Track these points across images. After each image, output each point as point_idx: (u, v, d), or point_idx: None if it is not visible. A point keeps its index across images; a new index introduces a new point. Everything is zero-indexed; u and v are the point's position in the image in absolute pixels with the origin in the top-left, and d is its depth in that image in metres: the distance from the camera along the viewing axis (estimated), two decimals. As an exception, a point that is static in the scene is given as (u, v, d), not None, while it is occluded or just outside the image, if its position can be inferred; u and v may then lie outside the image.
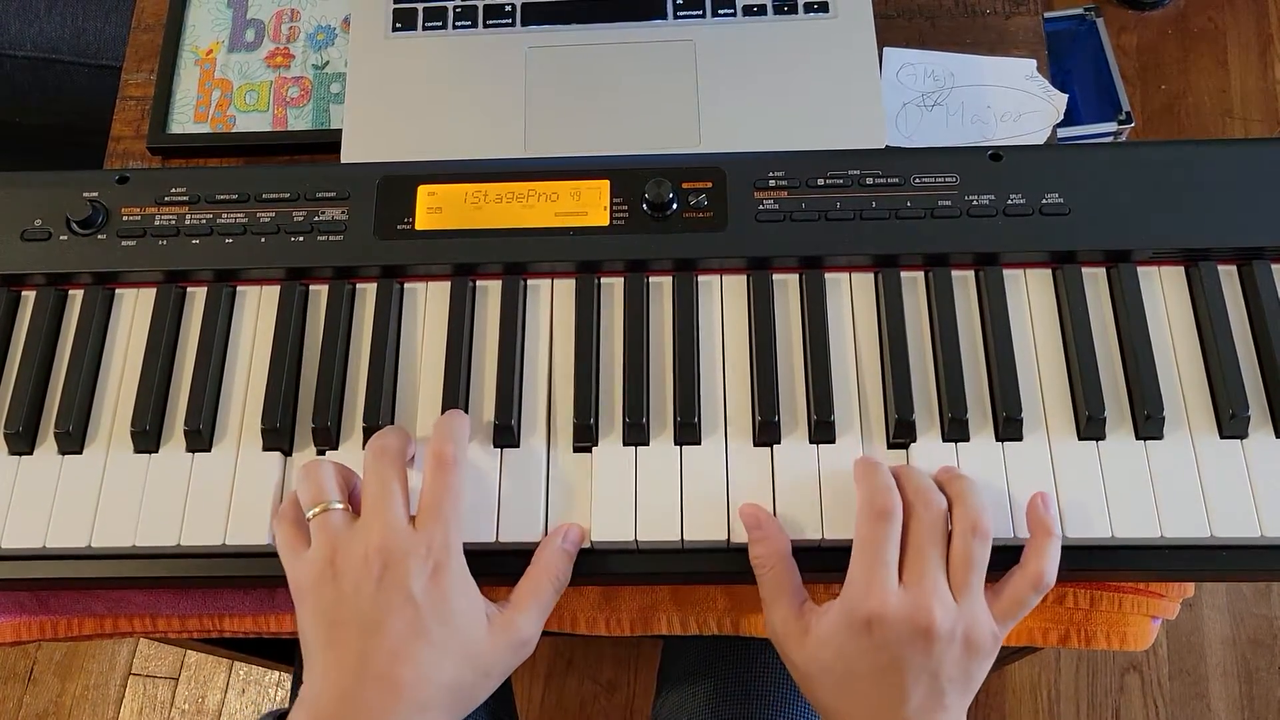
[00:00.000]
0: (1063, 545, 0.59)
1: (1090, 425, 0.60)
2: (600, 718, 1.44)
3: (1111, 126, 1.49)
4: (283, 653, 1.29)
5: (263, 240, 0.67)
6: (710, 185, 0.66)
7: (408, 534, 0.55)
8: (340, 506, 0.57)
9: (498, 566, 0.61)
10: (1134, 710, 1.43)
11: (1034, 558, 0.56)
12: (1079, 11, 1.58)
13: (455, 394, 0.63)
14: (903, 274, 0.65)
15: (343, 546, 0.55)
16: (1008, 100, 0.79)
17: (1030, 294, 0.65)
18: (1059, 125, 0.79)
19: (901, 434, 0.61)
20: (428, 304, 0.66)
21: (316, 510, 0.56)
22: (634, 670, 1.45)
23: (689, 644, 0.84)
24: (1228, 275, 0.65)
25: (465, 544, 0.59)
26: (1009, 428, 0.61)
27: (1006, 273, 0.65)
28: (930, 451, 0.61)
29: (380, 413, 0.62)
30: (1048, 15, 1.57)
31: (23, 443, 0.63)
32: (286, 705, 0.82)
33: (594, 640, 1.42)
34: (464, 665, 0.55)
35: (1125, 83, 1.55)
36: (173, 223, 0.67)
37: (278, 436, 0.63)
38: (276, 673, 1.51)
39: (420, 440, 0.62)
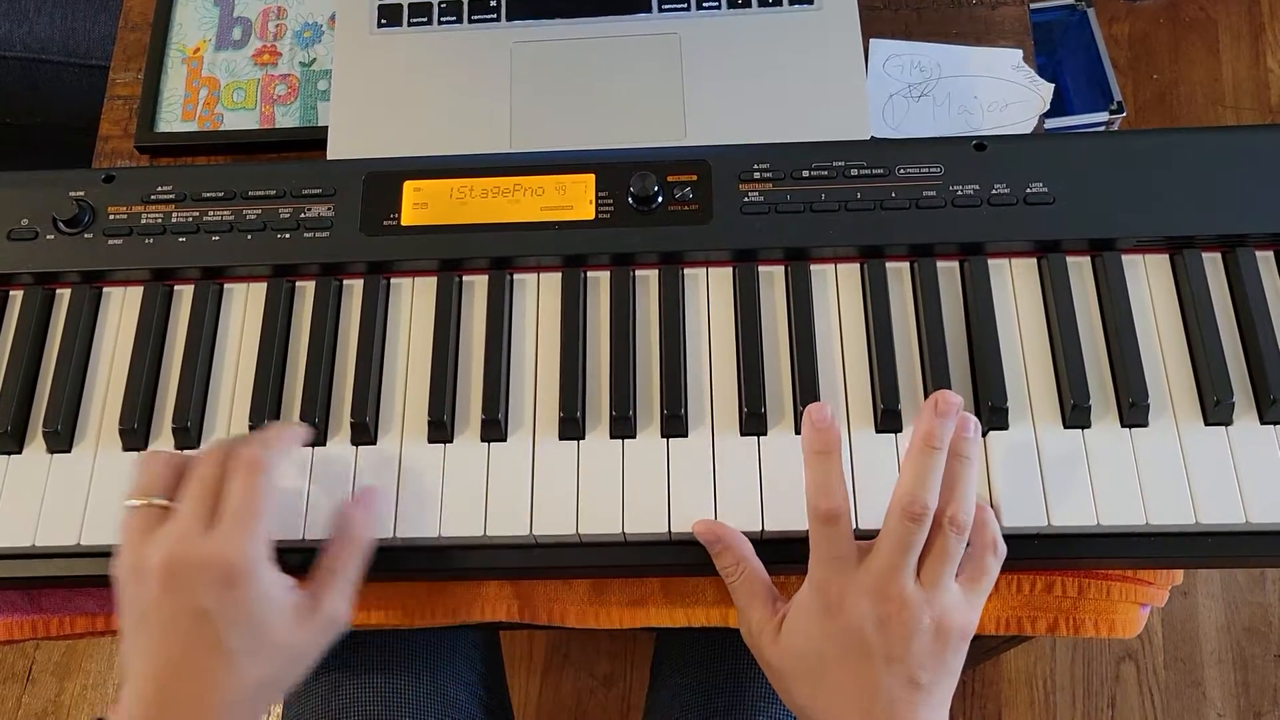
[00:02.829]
0: (1050, 534, 0.59)
1: (1075, 413, 0.61)
2: (596, 711, 1.44)
3: (1103, 116, 1.49)
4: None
5: (249, 238, 0.67)
6: (695, 178, 0.67)
7: (200, 544, 0.54)
8: (160, 503, 0.56)
9: (486, 560, 0.61)
10: (1129, 699, 1.43)
11: (978, 530, 0.57)
12: (1070, 2, 1.58)
13: (442, 389, 0.63)
14: (888, 265, 0.65)
15: (142, 549, 0.55)
16: (994, 91, 0.80)
17: (1015, 283, 0.65)
18: (1050, 115, 0.79)
19: (888, 424, 0.61)
20: (414, 299, 0.67)
21: (136, 504, 0.56)
22: (630, 664, 1.45)
23: (682, 636, 0.84)
24: (1212, 263, 0.65)
25: (460, 538, 0.60)
26: (995, 416, 0.61)
27: (991, 262, 0.65)
28: (916, 441, 0.61)
29: (367, 408, 0.62)
30: (1040, 6, 1.57)
31: (11, 442, 0.64)
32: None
33: (589, 634, 1.43)
34: (269, 662, 0.55)
35: (1117, 73, 1.55)
36: (159, 221, 0.67)
37: (266, 433, 0.63)
38: (274, 670, 1.51)
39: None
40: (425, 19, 0.78)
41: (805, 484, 0.57)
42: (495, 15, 0.78)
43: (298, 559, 0.59)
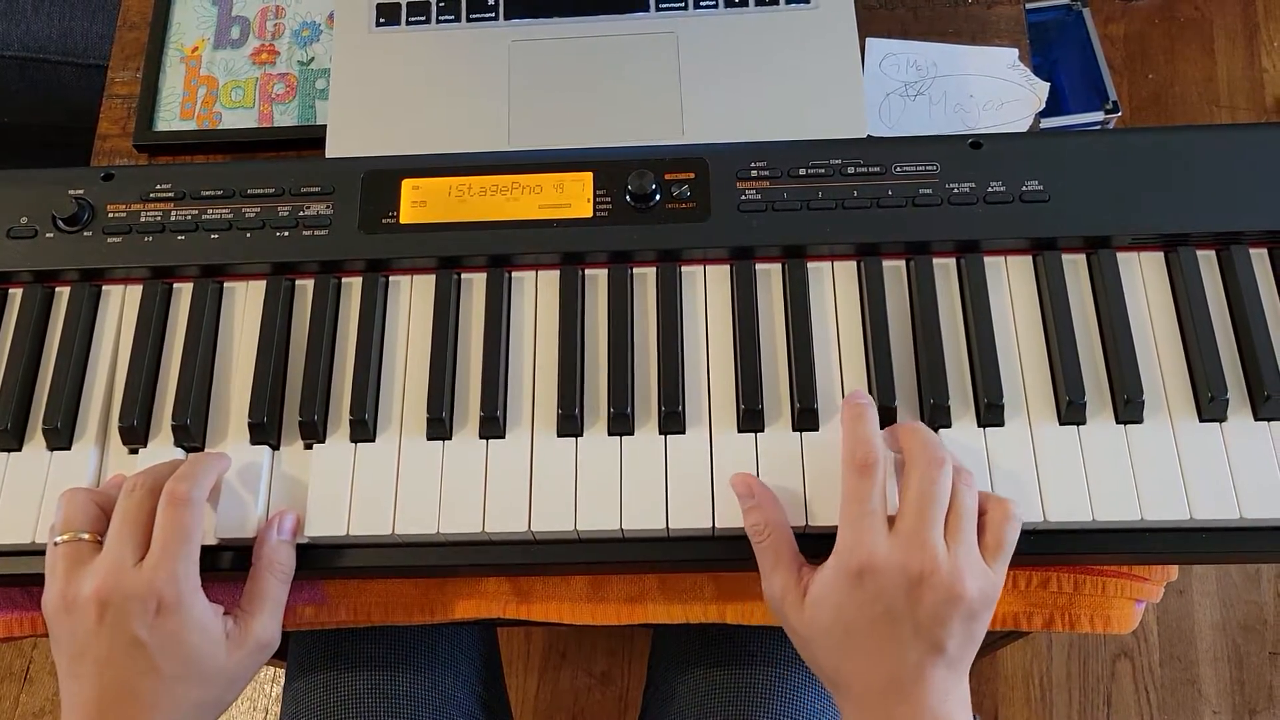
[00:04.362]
0: (1046, 530, 0.60)
1: (1071, 410, 0.61)
2: (594, 709, 1.44)
3: (1099, 116, 1.49)
4: (278, 651, 1.29)
5: (248, 236, 0.67)
6: (693, 176, 0.67)
7: (131, 575, 0.55)
8: (86, 538, 0.57)
9: (484, 557, 0.61)
10: (1125, 696, 1.43)
11: (992, 504, 0.57)
12: (1065, 1, 1.58)
13: (441, 386, 0.63)
14: (884, 262, 0.66)
15: (73, 583, 0.56)
16: (990, 89, 0.80)
17: (1011, 281, 0.66)
18: (1046, 114, 0.80)
19: (885, 420, 0.61)
20: (413, 297, 0.67)
21: (62, 539, 0.57)
22: (627, 662, 1.45)
23: (678, 633, 0.84)
24: (1206, 260, 0.65)
25: (456, 535, 0.60)
26: (990, 413, 0.61)
27: (987, 260, 0.66)
28: (912, 438, 0.61)
29: (366, 405, 0.63)
30: (1035, 5, 1.57)
31: (11, 439, 0.64)
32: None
33: (587, 633, 1.43)
34: (204, 686, 0.57)
35: (1112, 72, 1.55)
36: (158, 219, 0.68)
37: (265, 431, 0.63)
38: (271, 669, 1.51)
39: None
40: (423, 18, 0.78)
41: (842, 444, 0.58)
42: (493, 14, 0.78)
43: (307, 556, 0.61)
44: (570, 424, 0.62)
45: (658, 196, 0.66)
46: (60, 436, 0.64)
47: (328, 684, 0.78)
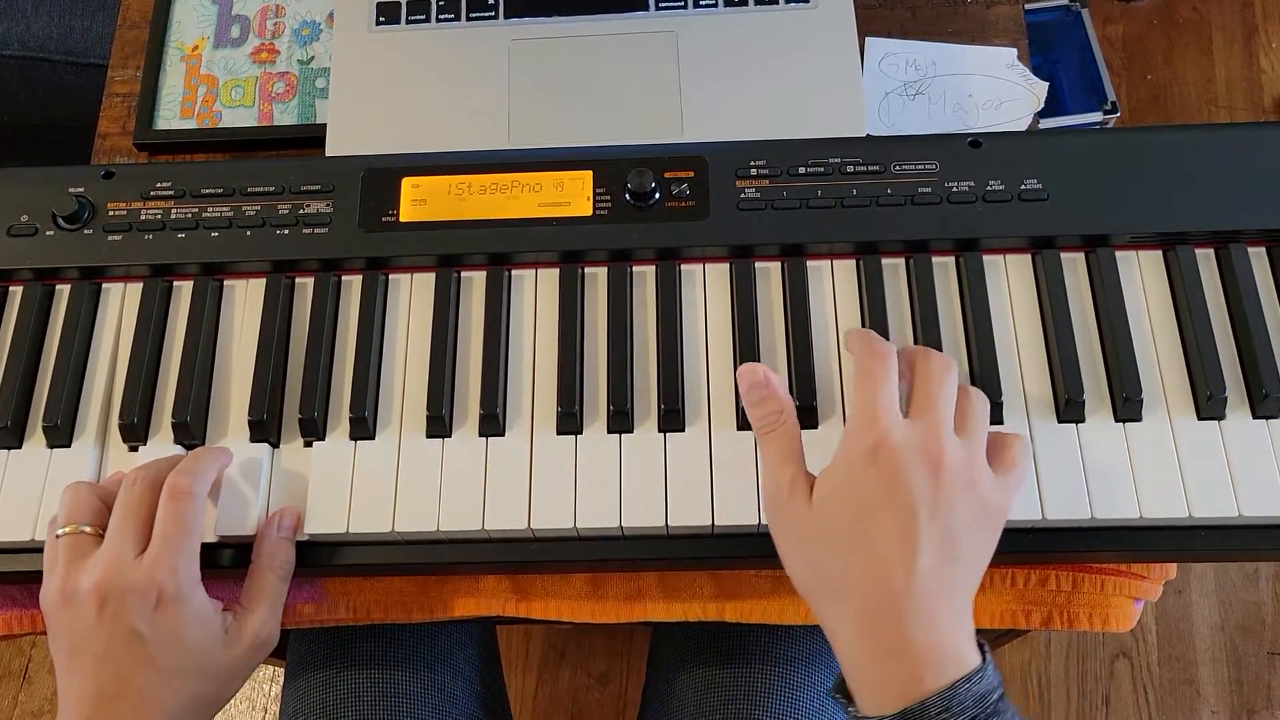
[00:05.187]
0: (1042, 528, 0.60)
1: (1069, 408, 0.61)
2: (593, 709, 1.44)
3: (1097, 117, 1.49)
4: (277, 650, 1.29)
5: (248, 234, 0.67)
6: (692, 174, 0.67)
7: (132, 568, 0.56)
8: (87, 531, 0.58)
9: (484, 554, 0.61)
10: (1124, 696, 1.44)
11: (998, 436, 0.57)
12: (1064, 2, 1.59)
13: (441, 384, 0.63)
14: (884, 260, 0.66)
15: (73, 576, 0.56)
16: (989, 89, 0.80)
17: (1010, 279, 0.66)
18: (1044, 115, 0.80)
19: (883, 418, 0.62)
20: (413, 295, 0.67)
21: (64, 531, 0.58)
22: (626, 662, 1.45)
23: (678, 631, 0.84)
24: (1205, 258, 0.65)
25: (456, 532, 0.60)
26: (990, 411, 0.61)
27: (986, 258, 0.66)
28: (911, 435, 0.61)
29: (366, 403, 0.63)
30: (1035, 6, 1.58)
31: (11, 436, 0.64)
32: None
33: (586, 632, 1.43)
34: (202, 681, 0.57)
35: (1111, 73, 1.56)
36: (159, 217, 0.68)
37: (265, 429, 0.63)
38: (270, 669, 1.51)
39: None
40: (423, 16, 0.78)
41: (855, 351, 0.57)
42: (493, 13, 0.78)
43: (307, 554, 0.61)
44: (570, 422, 0.62)
45: (657, 195, 0.66)
46: (60, 434, 0.64)
47: (327, 682, 0.78)
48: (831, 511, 0.53)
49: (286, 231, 0.67)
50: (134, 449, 0.64)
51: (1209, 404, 0.61)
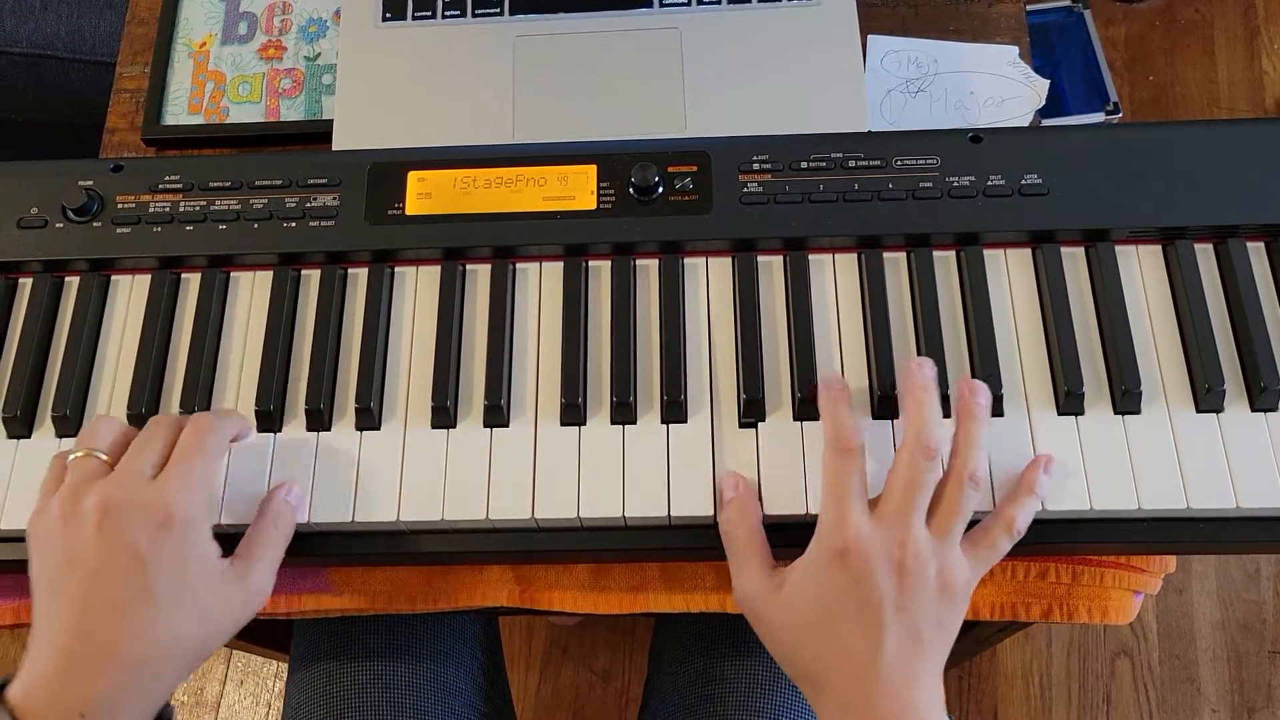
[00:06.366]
0: (1044, 520, 0.60)
1: (1069, 400, 0.61)
2: (595, 705, 1.45)
3: (1099, 117, 1.50)
4: (281, 643, 1.29)
5: (256, 226, 0.68)
6: (695, 169, 0.67)
7: (141, 485, 0.54)
8: (102, 456, 0.56)
9: (488, 544, 0.62)
10: (1125, 694, 1.44)
11: (1009, 505, 0.58)
12: (1067, 3, 1.59)
13: (445, 375, 0.64)
14: (885, 255, 0.66)
15: (78, 493, 0.54)
16: (990, 86, 0.81)
17: (1010, 273, 0.66)
18: (1047, 115, 0.80)
19: (884, 410, 0.62)
20: (418, 288, 0.68)
21: (77, 455, 0.56)
22: (629, 658, 1.46)
23: (680, 623, 0.85)
24: (1204, 253, 0.66)
25: (460, 522, 0.61)
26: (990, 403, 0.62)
27: (987, 253, 0.66)
28: (912, 427, 0.62)
29: (371, 394, 0.63)
30: (1037, 7, 1.58)
31: (21, 426, 0.65)
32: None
33: (589, 628, 1.44)
34: (192, 620, 0.54)
35: (1113, 74, 1.56)
36: (167, 210, 0.68)
37: (271, 419, 0.64)
38: (275, 663, 1.52)
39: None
40: (429, 12, 0.79)
41: (823, 429, 0.58)
42: (498, 9, 0.79)
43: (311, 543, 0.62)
44: (573, 413, 0.63)
45: (660, 189, 0.67)
46: (69, 424, 0.64)
47: (331, 674, 0.79)
48: (800, 609, 0.55)
49: (293, 224, 0.68)
50: (142, 439, 0.65)
51: (1208, 397, 0.61)
